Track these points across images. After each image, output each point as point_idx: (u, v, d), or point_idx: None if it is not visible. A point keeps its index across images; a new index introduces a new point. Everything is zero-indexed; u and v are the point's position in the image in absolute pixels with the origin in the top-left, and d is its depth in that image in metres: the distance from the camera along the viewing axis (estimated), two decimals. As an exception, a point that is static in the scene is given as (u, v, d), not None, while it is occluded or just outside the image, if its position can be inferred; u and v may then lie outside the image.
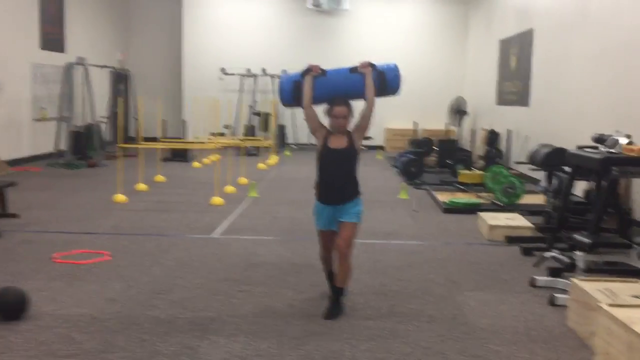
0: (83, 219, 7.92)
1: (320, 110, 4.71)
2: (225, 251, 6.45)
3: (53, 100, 14.36)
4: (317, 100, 4.68)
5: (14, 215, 7.77)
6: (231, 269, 5.81)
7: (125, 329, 4.28)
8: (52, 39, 14.64)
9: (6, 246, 6.43)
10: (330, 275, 4.80)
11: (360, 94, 4.64)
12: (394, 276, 5.70)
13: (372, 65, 4.67)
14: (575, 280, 4.53)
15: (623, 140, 5.94)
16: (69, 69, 13.54)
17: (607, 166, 5.59)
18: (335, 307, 4.58)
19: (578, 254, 5.16)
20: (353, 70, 4.70)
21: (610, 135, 6.30)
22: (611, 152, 5.79)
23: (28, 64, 13.58)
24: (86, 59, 13.97)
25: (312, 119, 4.65)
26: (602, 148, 6.16)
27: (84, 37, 16.26)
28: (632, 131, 7.61)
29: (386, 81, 4.75)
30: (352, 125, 4.65)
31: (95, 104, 14.48)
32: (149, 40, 19.48)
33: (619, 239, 5.36)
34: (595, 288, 4.30)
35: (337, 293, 4.62)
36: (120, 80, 16.60)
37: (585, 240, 5.09)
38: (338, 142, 4.59)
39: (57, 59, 14.55)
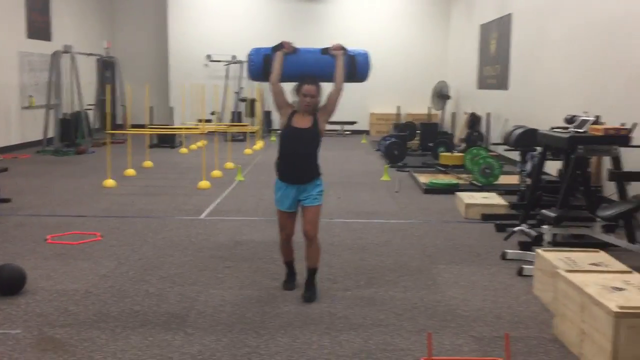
0: (74, 203, 8.16)
1: (288, 90, 4.70)
2: (212, 231, 6.72)
3: (40, 88, 14.52)
4: (285, 77, 4.67)
5: (6, 200, 7.99)
6: (218, 247, 6.09)
7: (118, 302, 4.55)
8: (39, 28, 14.77)
9: (0, 229, 6.67)
10: (289, 265, 4.85)
11: (329, 76, 4.64)
12: (373, 252, 6.00)
13: (344, 49, 4.69)
14: (539, 251, 4.84)
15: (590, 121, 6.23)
16: (56, 57, 13.69)
17: (573, 145, 5.89)
18: (312, 288, 4.63)
19: (545, 227, 5.47)
20: (325, 51, 4.72)
21: (580, 116, 6.61)
22: (578, 132, 6.09)
23: (15, 53, 13.72)
24: (73, 47, 14.11)
25: (278, 95, 4.62)
26: (571, 128, 6.45)
27: (70, 25, 16.38)
28: (604, 111, 7.95)
29: (356, 66, 4.77)
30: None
31: (83, 91, 14.63)
32: (135, 27, 19.60)
33: (584, 214, 5.66)
34: (558, 257, 4.61)
35: (312, 273, 4.66)
36: (107, 68, 16.74)
37: (551, 214, 5.40)
38: (302, 122, 4.56)
39: (43, 47, 14.69)
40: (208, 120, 16.07)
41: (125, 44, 19.36)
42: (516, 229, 5.88)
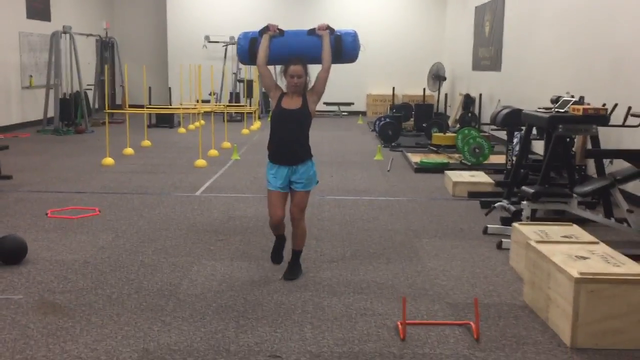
0: (73, 180, 8.40)
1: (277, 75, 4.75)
2: (207, 207, 6.97)
3: (40, 68, 14.72)
4: (273, 60, 4.72)
5: (8, 177, 8.23)
6: (211, 222, 6.34)
7: (114, 271, 4.80)
8: (38, 8, 14.92)
9: (2, 204, 6.92)
10: (280, 238, 4.88)
11: (317, 57, 4.68)
12: (361, 227, 6.24)
13: (330, 29, 4.73)
14: (516, 225, 5.08)
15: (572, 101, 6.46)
16: (55, 37, 13.86)
17: (553, 124, 6.12)
18: (295, 267, 4.73)
19: (524, 203, 5.71)
20: (311, 32, 4.76)
21: (563, 97, 6.84)
22: (559, 112, 6.31)
23: (15, 33, 13.90)
24: (72, 28, 14.27)
25: (266, 78, 4.68)
26: (554, 108, 6.67)
27: (69, 6, 16.53)
28: (589, 92, 8.17)
29: (343, 46, 4.77)
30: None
31: (82, 72, 14.81)
32: (134, 8, 19.74)
33: (563, 190, 5.89)
34: (532, 230, 4.85)
35: (296, 255, 4.75)
36: (106, 49, 16.89)
37: (530, 190, 5.63)
38: (292, 103, 4.59)
39: (43, 28, 14.86)
40: (206, 101, 16.25)
41: (124, 25, 19.52)
42: (497, 204, 6.13)
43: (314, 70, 4.66)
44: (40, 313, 3.98)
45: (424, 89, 16.83)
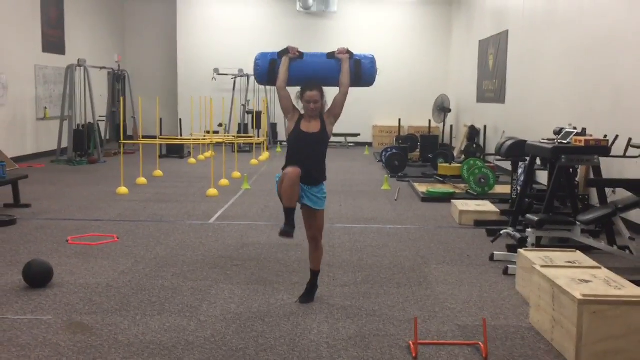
0: (90, 208, 8.65)
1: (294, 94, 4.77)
2: (221, 234, 7.19)
3: (54, 100, 15.09)
4: (292, 82, 4.78)
5: (27, 205, 8.48)
6: (226, 248, 6.56)
7: (137, 294, 5.01)
8: (53, 42, 15.34)
9: (23, 231, 7.15)
10: (292, 211, 4.55)
11: (335, 80, 4.76)
12: (371, 253, 6.45)
13: (349, 52, 4.82)
14: (521, 251, 5.28)
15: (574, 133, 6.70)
16: (70, 70, 14.25)
17: (557, 155, 6.35)
18: (313, 289, 4.87)
19: (529, 230, 5.92)
20: (330, 55, 4.83)
21: (565, 129, 7.09)
22: (562, 143, 6.55)
23: (31, 66, 14.30)
24: (86, 61, 14.67)
25: (285, 100, 4.73)
26: (557, 139, 6.92)
27: (83, 40, 16.97)
28: (591, 124, 8.43)
29: (362, 70, 4.83)
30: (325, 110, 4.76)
31: (95, 104, 15.17)
32: (145, 42, 20.21)
33: (565, 218, 6.10)
34: (537, 256, 5.05)
35: (315, 276, 4.87)
36: (118, 81, 17.30)
37: (534, 218, 5.84)
38: (310, 126, 4.67)
39: (57, 61, 15.27)
40: (216, 132, 16.57)
41: (135, 58, 19.98)
42: (503, 232, 6.33)
43: (330, 92, 4.71)
44: (70, 332, 4.19)
45: (430, 121, 17.14)
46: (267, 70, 4.84)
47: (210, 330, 4.27)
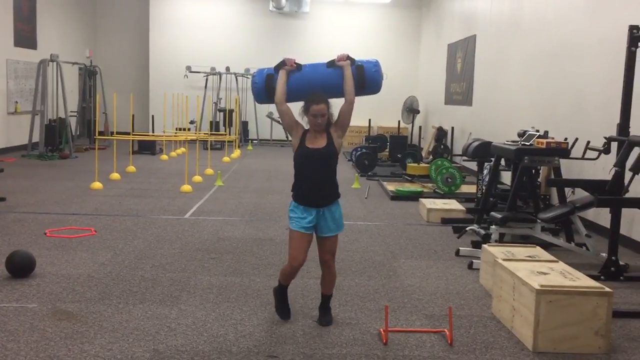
0: (65, 202, 8.75)
1: (295, 109, 4.45)
2: (197, 229, 7.38)
3: (25, 94, 15.07)
4: (292, 96, 4.41)
5: (1, 199, 8.55)
6: (203, 242, 6.75)
7: (118, 284, 5.19)
8: (25, 36, 15.30)
9: (0, 224, 7.24)
10: (285, 289, 4.53)
11: (338, 90, 4.39)
12: (342, 248, 6.66)
13: (350, 58, 4.43)
14: (485, 246, 5.59)
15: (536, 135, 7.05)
16: (43, 65, 14.24)
17: (520, 156, 6.69)
18: (329, 312, 4.55)
19: (492, 227, 6.24)
20: (330, 64, 4.45)
21: (529, 131, 7.45)
22: (525, 145, 6.90)
23: (3, 60, 14.25)
24: (58, 56, 14.67)
25: (286, 115, 4.36)
26: (520, 141, 7.26)
27: (55, 35, 16.94)
28: (553, 127, 8.82)
29: (365, 77, 4.47)
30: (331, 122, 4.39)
31: (67, 99, 15.19)
32: (117, 38, 20.21)
33: (526, 216, 6.44)
34: (500, 251, 5.36)
35: (328, 300, 4.55)
36: (90, 77, 17.29)
37: (498, 216, 6.17)
38: (316, 142, 4.30)
39: (29, 56, 15.23)
40: (187, 129, 16.67)
41: (107, 54, 19.96)
42: (468, 228, 6.65)
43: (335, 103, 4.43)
44: (56, 319, 4.36)
45: (399, 121, 17.49)
46: (264, 86, 4.47)
47: (191, 318, 4.48)
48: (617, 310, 4.76)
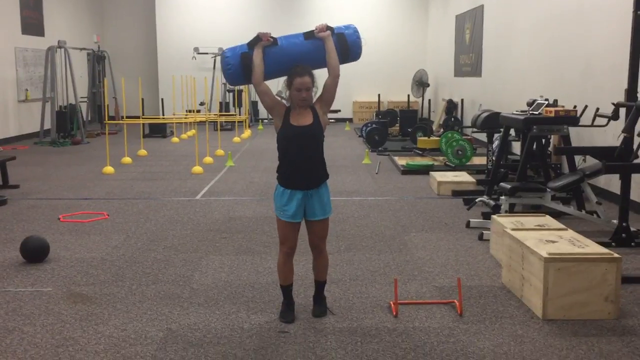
0: (78, 187, 8.84)
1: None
2: (208, 209, 7.43)
3: (35, 82, 15.14)
4: (270, 74, 4.05)
5: (15, 186, 8.65)
6: (214, 222, 6.81)
7: (131, 266, 5.26)
8: (32, 24, 15.34)
9: (15, 211, 7.34)
10: (288, 290, 4.22)
11: (319, 63, 4.05)
12: (353, 224, 6.74)
13: (329, 28, 4.09)
14: (495, 217, 5.59)
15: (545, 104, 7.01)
16: (51, 52, 14.29)
17: (528, 125, 6.65)
18: (322, 302, 4.28)
19: (502, 198, 6.23)
20: (309, 35, 4.09)
21: (538, 100, 7.39)
22: (533, 114, 6.85)
23: (11, 48, 14.31)
24: (66, 42, 14.71)
25: (266, 95, 3.99)
26: (529, 111, 7.22)
27: (62, 21, 16.96)
28: (563, 95, 8.74)
29: (348, 45, 4.14)
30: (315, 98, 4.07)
31: (76, 85, 15.25)
32: (124, 22, 20.20)
33: (536, 185, 6.41)
34: (509, 221, 5.35)
35: (321, 287, 4.27)
36: (98, 62, 17.33)
37: (507, 186, 6.15)
38: (301, 119, 3.98)
39: (37, 43, 15.28)
40: (197, 111, 16.71)
41: (114, 38, 19.98)
42: (478, 200, 6.64)
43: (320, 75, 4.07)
44: (70, 302, 4.43)
45: (409, 95, 17.40)
46: (239, 67, 4.03)
47: (203, 297, 4.54)
48: (627, 276, 4.77)
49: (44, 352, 3.65)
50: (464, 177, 8.62)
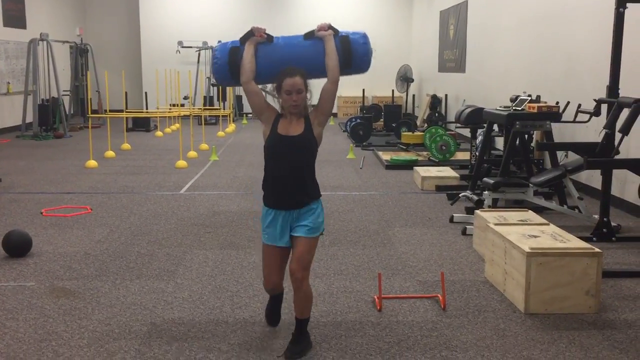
0: (61, 181, 8.78)
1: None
2: (192, 204, 7.42)
3: (16, 75, 14.99)
4: (263, 75, 3.56)
5: (-3, 180, 8.59)
6: (198, 216, 6.80)
7: (114, 261, 5.24)
8: (14, 16, 15.18)
9: (-3, 205, 7.29)
10: (277, 299, 3.85)
11: (318, 68, 3.55)
12: (338, 218, 6.76)
13: (332, 28, 3.59)
14: (478, 212, 5.63)
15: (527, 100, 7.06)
16: (33, 44, 14.15)
17: (511, 121, 6.70)
18: (301, 340, 3.57)
19: (485, 193, 6.28)
20: (309, 35, 3.61)
21: (521, 96, 7.45)
22: (516, 110, 6.90)
23: (-8, 41, 14.17)
24: (48, 35, 14.57)
25: (255, 96, 3.52)
26: (512, 107, 7.27)
27: (44, 13, 16.80)
28: (546, 91, 8.81)
29: (352, 50, 3.60)
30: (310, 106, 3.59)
31: (59, 78, 15.12)
32: (107, 14, 20.05)
33: (518, 180, 6.47)
34: (492, 215, 5.40)
35: (301, 325, 3.58)
36: (81, 55, 17.19)
37: (490, 181, 6.20)
38: (291, 128, 3.48)
39: (19, 35, 15.12)
40: (181, 105, 16.64)
41: (97, 31, 19.83)
42: (461, 195, 6.68)
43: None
44: (54, 297, 4.41)
45: (393, 91, 17.44)
46: (227, 63, 3.57)
47: (187, 292, 4.54)
48: (608, 270, 4.83)
49: (27, 347, 3.63)
50: (447, 172, 8.67)
